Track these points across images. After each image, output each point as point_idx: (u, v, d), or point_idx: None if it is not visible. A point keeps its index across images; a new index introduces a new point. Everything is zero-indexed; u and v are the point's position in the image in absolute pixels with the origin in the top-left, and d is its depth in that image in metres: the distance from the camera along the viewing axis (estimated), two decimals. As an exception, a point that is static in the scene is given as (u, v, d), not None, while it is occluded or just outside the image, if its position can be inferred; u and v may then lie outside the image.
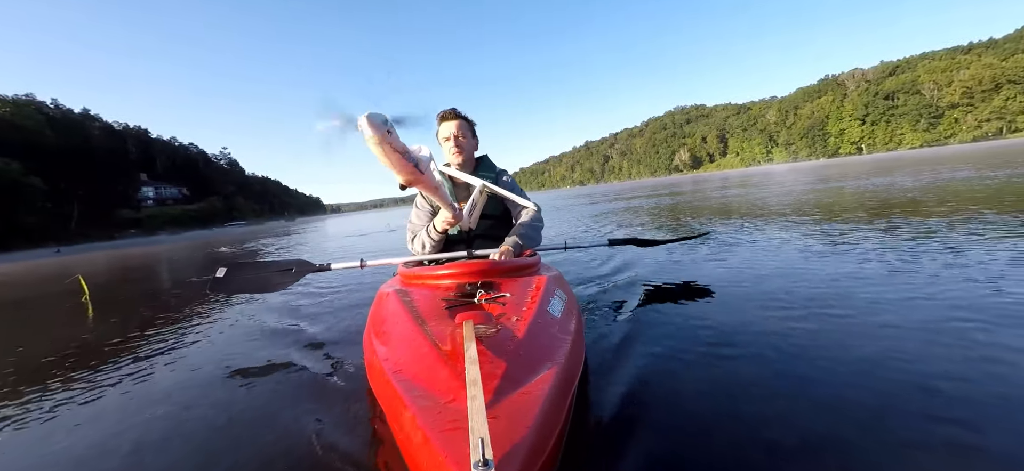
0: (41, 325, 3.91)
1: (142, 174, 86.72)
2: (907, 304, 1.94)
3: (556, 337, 1.15)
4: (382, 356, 1.13)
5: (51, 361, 2.48)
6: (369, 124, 1.14)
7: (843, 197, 7.40)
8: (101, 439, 1.47)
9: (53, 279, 8.67)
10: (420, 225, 2.09)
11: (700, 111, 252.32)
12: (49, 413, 1.74)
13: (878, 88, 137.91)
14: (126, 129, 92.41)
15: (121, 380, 2.05)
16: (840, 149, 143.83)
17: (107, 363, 2.33)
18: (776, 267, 2.91)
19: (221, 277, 2.38)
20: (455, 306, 1.28)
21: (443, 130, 2.06)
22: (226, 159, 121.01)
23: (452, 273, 1.56)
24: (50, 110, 74.88)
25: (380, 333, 1.30)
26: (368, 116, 1.14)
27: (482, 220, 2.01)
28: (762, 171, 42.99)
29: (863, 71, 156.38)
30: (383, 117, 1.18)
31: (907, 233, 3.57)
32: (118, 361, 2.36)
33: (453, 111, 2.06)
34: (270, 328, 2.70)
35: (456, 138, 2.03)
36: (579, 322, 1.36)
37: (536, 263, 1.77)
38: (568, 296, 1.53)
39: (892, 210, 5.10)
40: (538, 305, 1.26)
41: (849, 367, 1.41)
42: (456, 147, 2.03)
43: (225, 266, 2.46)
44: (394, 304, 1.40)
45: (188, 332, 2.89)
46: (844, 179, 12.80)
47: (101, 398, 1.85)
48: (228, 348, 2.40)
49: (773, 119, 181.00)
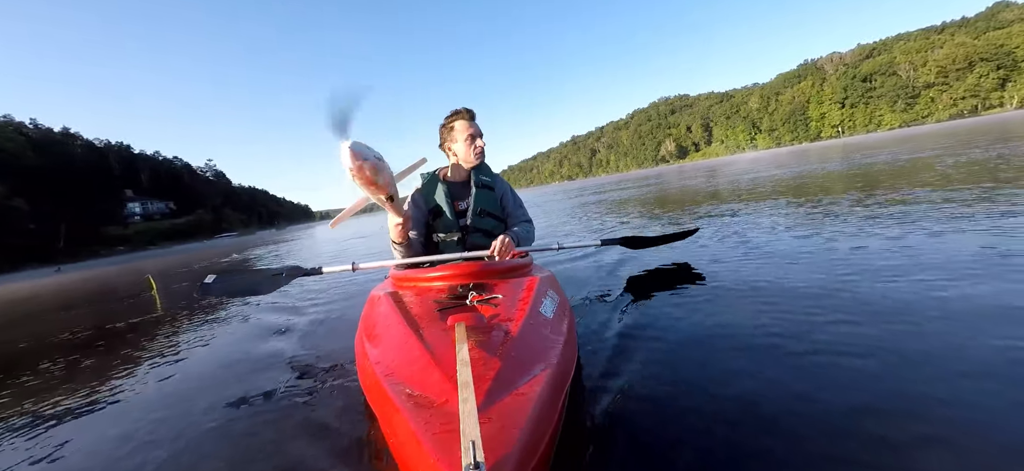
0: (127, 313, 4.79)
1: (127, 190, 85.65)
2: (904, 295, 1.93)
3: (548, 338, 1.15)
4: (374, 359, 1.12)
5: (136, 333, 3.33)
6: (351, 155, 1.17)
7: (782, 182, 8.10)
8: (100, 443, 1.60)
9: (108, 284, 9.06)
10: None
11: (684, 101, 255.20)
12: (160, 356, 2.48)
13: (856, 71, 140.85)
14: (108, 145, 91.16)
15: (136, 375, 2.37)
16: (822, 133, 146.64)
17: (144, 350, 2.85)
18: (765, 258, 2.95)
19: (210, 283, 2.36)
20: (447, 308, 1.29)
21: (464, 128, 1.95)
22: (212, 171, 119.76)
23: (444, 275, 1.57)
24: (30, 130, 73.77)
25: (372, 336, 1.30)
26: (351, 146, 1.17)
27: (482, 218, 1.99)
28: (749, 158, 43.73)
29: (841, 54, 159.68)
30: (365, 148, 1.22)
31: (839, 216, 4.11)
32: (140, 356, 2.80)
33: (469, 111, 1.98)
34: (263, 332, 2.76)
35: (478, 136, 1.97)
36: (571, 323, 1.38)
37: (528, 264, 1.80)
38: (560, 297, 1.55)
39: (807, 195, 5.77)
40: (530, 306, 1.26)
41: (842, 365, 1.40)
42: (478, 145, 1.97)
43: (214, 274, 2.45)
44: (386, 306, 1.40)
45: (179, 337, 3.04)
46: (790, 165, 13.54)
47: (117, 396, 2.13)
48: (221, 352, 2.47)
49: (755, 106, 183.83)
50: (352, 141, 1.17)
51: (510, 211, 2.09)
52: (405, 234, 1.80)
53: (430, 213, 2.01)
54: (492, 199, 2.04)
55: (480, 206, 1.98)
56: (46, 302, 8.73)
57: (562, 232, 6.72)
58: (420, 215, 2.00)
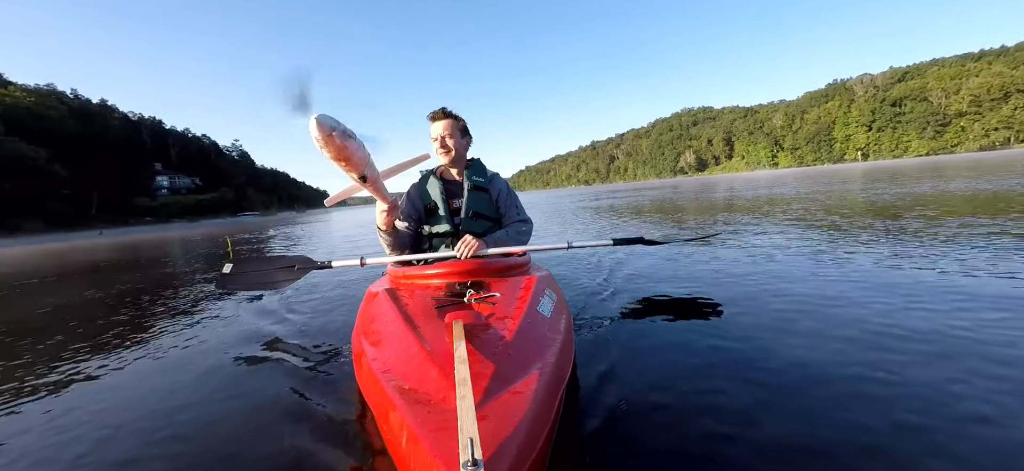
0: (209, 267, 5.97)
1: (156, 164, 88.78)
2: (902, 314, 1.96)
3: (545, 337, 1.16)
4: (371, 356, 1.13)
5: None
6: (318, 126, 1.17)
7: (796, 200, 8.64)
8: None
9: (165, 247, 10.09)
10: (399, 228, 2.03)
11: (707, 113, 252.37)
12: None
13: (886, 94, 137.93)
14: (141, 119, 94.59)
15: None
16: (845, 155, 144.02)
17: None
18: (773, 270, 2.98)
19: (228, 273, 2.41)
20: (445, 306, 1.29)
21: (432, 131, 1.98)
22: (238, 151, 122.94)
23: (442, 273, 1.57)
24: (70, 100, 77.05)
25: (369, 332, 1.30)
26: (318, 118, 1.17)
27: (473, 220, 1.99)
28: (771, 176, 42.85)
29: (872, 76, 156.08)
30: (333, 120, 1.22)
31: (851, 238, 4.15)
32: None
33: (442, 111, 1.98)
34: (265, 324, 2.76)
35: (443, 139, 1.96)
36: (568, 322, 1.39)
37: (526, 263, 1.80)
38: (558, 296, 1.55)
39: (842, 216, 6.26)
40: (528, 305, 1.27)
41: (841, 371, 1.43)
42: (442, 148, 1.96)
43: (231, 262, 2.48)
44: (383, 303, 1.40)
45: (186, 321, 3.02)
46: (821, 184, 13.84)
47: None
48: (222, 343, 2.46)
49: (780, 123, 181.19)
50: (318, 114, 1.19)
51: (503, 211, 2.08)
52: (391, 223, 1.82)
53: (425, 210, 2.04)
54: (485, 200, 2.04)
55: (472, 209, 1.99)
56: (114, 259, 9.78)
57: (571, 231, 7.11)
58: (414, 210, 2.03)
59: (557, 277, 1.94)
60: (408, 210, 2.02)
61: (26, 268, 8.81)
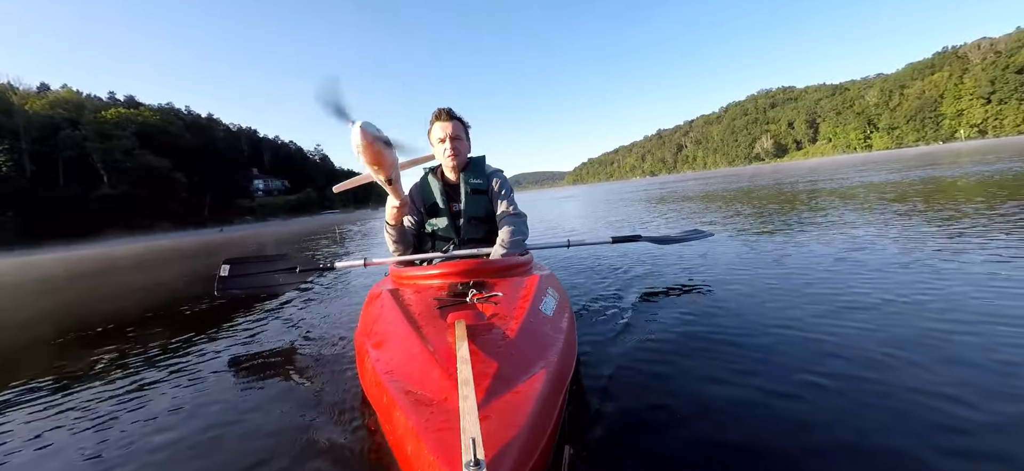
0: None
1: (253, 169, 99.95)
2: (912, 311, 1.90)
3: (548, 336, 1.16)
4: (373, 356, 1.14)
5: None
6: (361, 133, 1.20)
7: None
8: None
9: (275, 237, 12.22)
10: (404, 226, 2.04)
11: (788, 94, 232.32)
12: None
13: (1010, 59, 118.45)
14: (240, 130, 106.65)
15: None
16: (957, 133, 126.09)
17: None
18: (776, 265, 2.95)
19: (226, 276, 2.30)
20: (447, 306, 1.28)
21: (437, 130, 1.95)
22: (319, 154, 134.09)
23: (444, 272, 1.56)
24: (185, 116, 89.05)
25: (371, 333, 1.31)
26: (362, 125, 1.19)
27: (471, 222, 1.98)
28: (860, 159, 36.07)
29: (992, 40, 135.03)
30: (375, 128, 1.25)
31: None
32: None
33: (448, 111, 1.96)
34: (267, 323, 2.77)
35: (453, 140, 1.94)
36: (571, 321, 1.38)
37: (528, 262, 1.78)
38: (560, 295, 1.54)
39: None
40: (530, 304, 1.26)
41: (845, 371, 1.40)
42: (452, 149, 1.94)
43: (228, 262, 2.35)
44: (386, 303, 1.40)
45: (198, 328, 2.90)
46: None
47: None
48: (222, 343, 2.43)
49: (874, 100, 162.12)
50: (363, 122, 1.20)
51: (499, 211, 2.04)
52: (400, 218, 1.88)
53: (427, 210, 2.06)
54: (483, 204, 2.03)
55: (470, 214, 2.00)
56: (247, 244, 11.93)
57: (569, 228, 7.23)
58: (416, 210, 2.06)
59: (558, 275, 2.00)
60: (410, 208, 2.05)
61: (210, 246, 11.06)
